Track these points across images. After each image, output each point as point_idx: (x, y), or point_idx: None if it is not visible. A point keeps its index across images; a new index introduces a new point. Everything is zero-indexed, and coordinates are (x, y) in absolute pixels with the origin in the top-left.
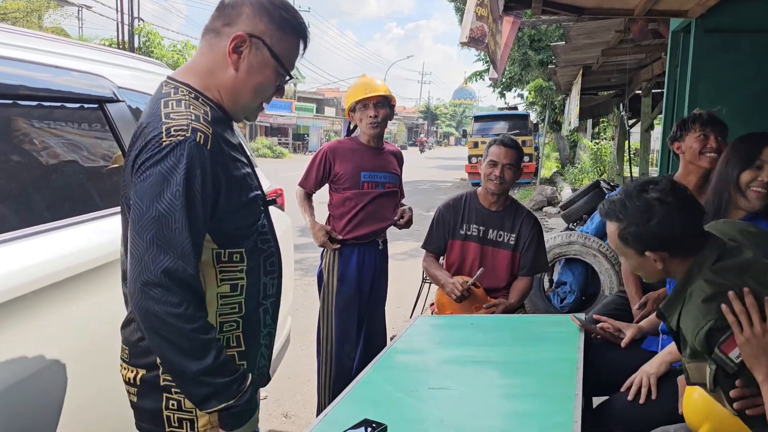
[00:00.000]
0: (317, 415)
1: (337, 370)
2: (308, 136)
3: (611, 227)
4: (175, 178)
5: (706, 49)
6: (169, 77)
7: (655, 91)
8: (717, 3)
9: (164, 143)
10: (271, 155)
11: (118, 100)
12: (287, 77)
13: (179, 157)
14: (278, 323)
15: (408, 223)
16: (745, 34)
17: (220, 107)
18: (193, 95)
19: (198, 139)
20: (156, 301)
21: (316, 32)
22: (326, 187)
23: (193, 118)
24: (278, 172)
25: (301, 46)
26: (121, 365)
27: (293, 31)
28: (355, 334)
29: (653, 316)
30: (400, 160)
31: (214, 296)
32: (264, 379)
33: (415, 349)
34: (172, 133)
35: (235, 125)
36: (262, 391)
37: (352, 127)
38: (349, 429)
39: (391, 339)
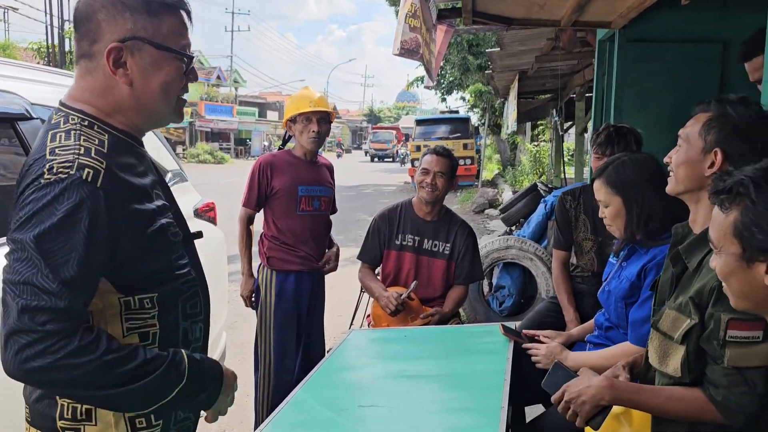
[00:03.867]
0: None
1: (276, 386)
2: (250, 140)
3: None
4: (50, 222)
5: (630, 58)
6: (61, 102)
7: (588, 95)
8: (638, 15)
9: (43, 183)
10: (212, 161)
11: (31, 118)
12: (189, 59)
13: (59, 198)
14: (211, 340)
15: (334, 269)
16: (666, 44)
17: (124, 132)
18: (86, 123)
19: (85, 176)
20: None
21: (256, 35)
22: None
23: (81, 152)
24: (220, 177)
25: (184, 16)
26: (26, 427)
27: (165, 8)
28: (294, 349)
29: (585, 325)
30: (332, 173)
31: None
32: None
33: (347, 365)
34: (55, 171)
35: (159, 144)
36: None
37: (287, 137)
38: None
39: (329, 351)
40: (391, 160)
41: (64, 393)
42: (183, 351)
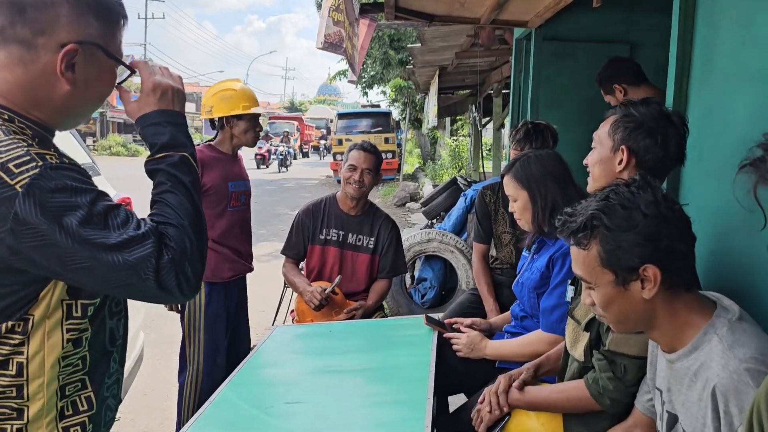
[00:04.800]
0: None
1: (207, 387)
2: None
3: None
4: (82, 211)
5: (545, 56)
6: None
7: (506, 91)
8: (554, 15)
9: (14, 183)
10: (125, 153)
11: None
12: (131, 72)
13: (55, 190)
14: (129, 340)
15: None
16: (579, 43)
17: (41, 126)
18: (6, 117)
19: (52, 162)
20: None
21: (172, 23)
22: None
23: (25, 144)
24: (134, 171)
25: (122, 23)
26: None
27: (121, 18)
28: (225, 347)
29: (504, 315)
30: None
31: (55, 361)
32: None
33: (271, 361)
34: (16, 171)
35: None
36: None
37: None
38: None
39: (253, 347)
40: (280, 161)
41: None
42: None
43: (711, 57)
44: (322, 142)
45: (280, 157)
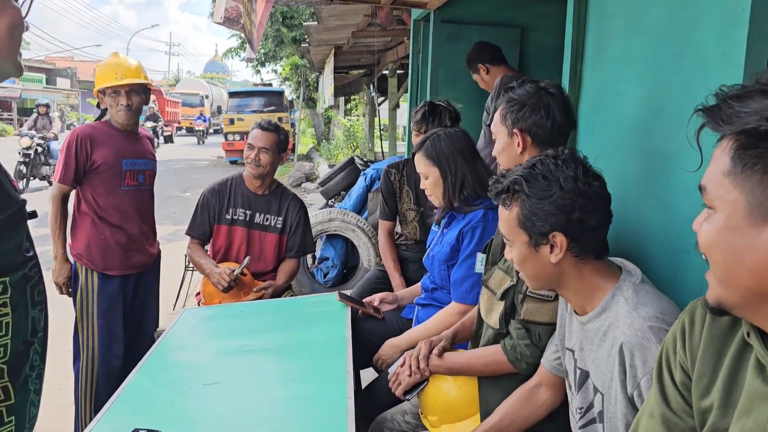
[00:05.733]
0: (76, 428)
1: (103, 375)
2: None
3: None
4: None
5: (443, 37)
6: None
7: (400, 72)
8: None
9: None
10: None
11: None
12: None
13: None
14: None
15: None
16: (474, 26)
17: None
18: None
19: None
20: None
21: None
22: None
23: None
24: (2, 151)
25: None
26: None
27: None
28: (122, 333)
29: (413, 288)
30: (153, 145)
31: None
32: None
33: (184, 345)
34: None
35: None
36: None
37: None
38: None
39: (157, 333)
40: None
41: None
42: None
43: (602, 43)
44: (200, 123)
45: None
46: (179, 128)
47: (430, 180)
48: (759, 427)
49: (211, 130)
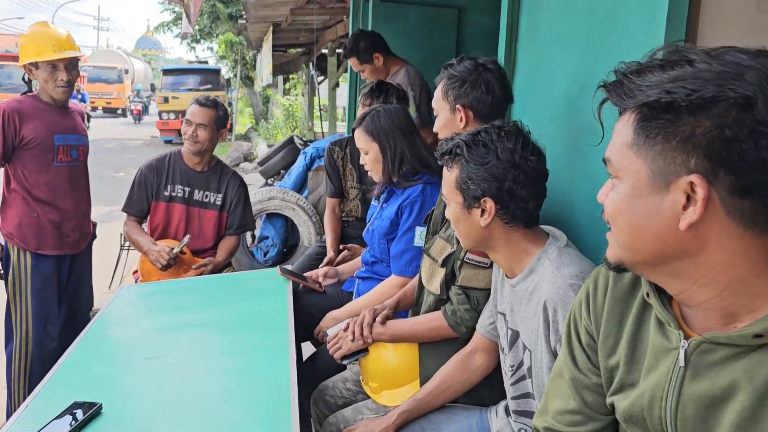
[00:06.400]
0: (8, 410)
1: (38, 356)
2: None
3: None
4: None
5: (381, 16)
6: None
7: (340, 51)
8: None
9: None
10: None
11: None
12: None
13: None
14: None
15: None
16: (411, 5)
17: None
18: None
19: None
20: None
21: None
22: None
23: None
24: None
25: None
26: None
27: None
28: (57, 314)
29: (353, 262)
30: (84, 119)
31: None
32: None
33: (124, 321)
34: None
35: None
36: None
37: (27, 80)
38: (56, 418)
39: (92, 313)
40: None
41: None
42: None
43: (535, 23)
44: (138, 103)
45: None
46: (94, 108)
47: (370, 155)
48: (662, 378)
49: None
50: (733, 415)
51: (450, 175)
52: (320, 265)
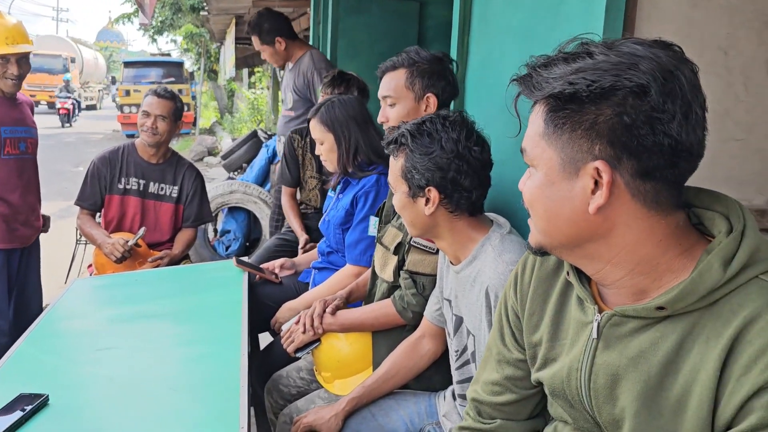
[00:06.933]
0: None
1: None
2: None
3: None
4: None
5: (342, 9)
6: None
7: None
8: None
9: None
10: None
11: None
12: None
13: None
14: None
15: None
16: None
17: None
18: None
19: None
20: None
21: None
22: None
23: None
24: None
25: None
26: None
27: None
28: (7, 309)
29: (309, 253)
30: (33, 111)
31: None
32: None
33: (75, 314)
34: None
35: None
36: None
37: None
38: (1, 408)
39: (46, 307)
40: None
41: None
42: None
43: (486, 15)
44: (64, 100)
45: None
46: (36, 103)
47: (325, 146)
48: (579, 350)
49: (84, 105)
50: (639, 384)
51: (395, 164)
52: (299, 247)
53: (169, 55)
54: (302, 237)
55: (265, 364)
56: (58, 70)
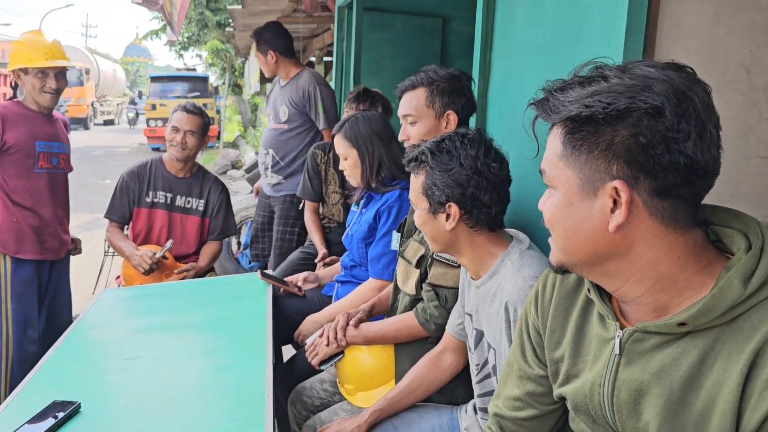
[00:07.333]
0: None
1: (18, 360)
2: None
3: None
4: None
5: (366, 25)
6: None
7: (327, 59)
8: None
9: None
10: None
11: None
12: None
13: None
14: None
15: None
16: (396, 14)
17: None
18: None
19: None
20: None
21: None
22: None
23: None
24: None
25: None
26: None
27: None
28: (38, 318)
29: (332, 267)
30: (67, 129)
31: None
32: None
33: (104, 323)
34: None
35: None
36: None
37: (14, 85)
38: (35, 416)
39: (76, 317)
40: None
41: None
42: None
43: (508, 32)
44: (132, 109)
45: None
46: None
47: (349, 161)
48: (602, 366)
49: (101, 120)
50: (662, 399)
51: (416, 181)
52: (315, 261)
53: (194, 69)
54: (321, 250)
55: (288, 376)
56: (72, 83)
